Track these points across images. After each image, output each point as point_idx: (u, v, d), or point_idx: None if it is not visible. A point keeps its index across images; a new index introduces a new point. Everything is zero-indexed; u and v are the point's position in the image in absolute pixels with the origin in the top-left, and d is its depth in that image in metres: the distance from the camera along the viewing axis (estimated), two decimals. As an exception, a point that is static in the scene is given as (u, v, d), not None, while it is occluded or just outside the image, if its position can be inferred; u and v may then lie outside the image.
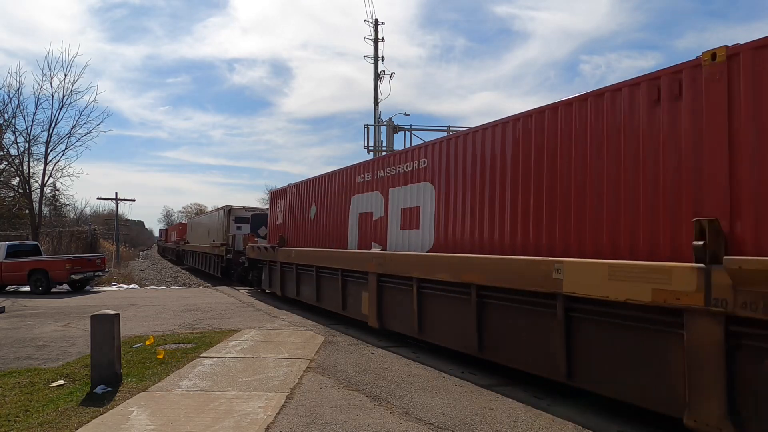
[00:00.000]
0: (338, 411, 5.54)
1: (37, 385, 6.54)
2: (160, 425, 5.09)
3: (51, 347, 8.90)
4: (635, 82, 5.48)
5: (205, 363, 7.61)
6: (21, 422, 5.24)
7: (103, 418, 5.30)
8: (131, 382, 6.56)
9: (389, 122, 19.87)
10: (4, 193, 33.20)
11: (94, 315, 6.56)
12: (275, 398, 5.93)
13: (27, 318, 12.40)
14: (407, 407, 5.72)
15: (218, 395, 6.06)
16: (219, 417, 5.30)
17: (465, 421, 5.31)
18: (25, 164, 28.19)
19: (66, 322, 11.72)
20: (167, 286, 24.71)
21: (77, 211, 46.59)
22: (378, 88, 22.77)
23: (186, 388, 6.33)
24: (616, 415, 5.56)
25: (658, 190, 5.16)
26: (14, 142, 28.81)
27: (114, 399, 5.92)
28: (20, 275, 18.68)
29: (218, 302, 15.71)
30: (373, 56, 23.34)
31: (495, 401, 6.01)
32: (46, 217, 35.23)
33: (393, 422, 5.23)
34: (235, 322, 11.54)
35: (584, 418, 5.46)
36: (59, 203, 40.99)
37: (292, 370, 7.25)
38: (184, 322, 11.68)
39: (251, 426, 5.06)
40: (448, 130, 18.37)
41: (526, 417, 5.48)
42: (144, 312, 13.35)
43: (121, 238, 49.04)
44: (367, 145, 20.08)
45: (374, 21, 23.73)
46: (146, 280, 30.53)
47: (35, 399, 5.98)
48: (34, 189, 28.71)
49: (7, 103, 28.00)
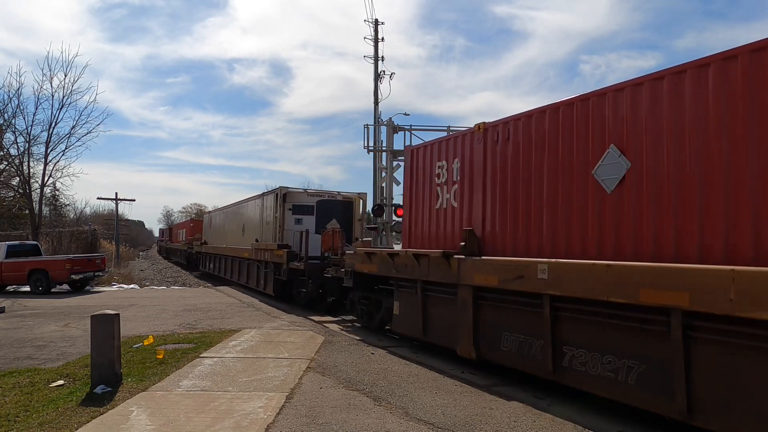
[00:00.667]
0: (338, 411, 5.54)
1: (37, 385, 6.54)
2: (160, 425, 5.09)
3: (51, 347, 8.89)
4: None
5: (205, 363, 7.61)
6: (21, 422, 5.23)
7: (103, 418, 5.30)
8: (131, 382, 6.56)
9: (389, 122, 19.83)
10: (4, 193, 33.21)
11: (94, 315, 6.56)
12: (275, 398, 5.93)
13: (27, 318, 12.40)
14: (407, 407, 5.72)
15: (218, 395, 6.06)
16: (219, 417, 5.30)
17: (465, 421, 5.31)
18: (25, 164, 28.21)
19: (66, 322, 11.71)
20: (167, 286, 24.71)
21: (77, 211, 46.55)
22: (378, 88, 22.75)
23: (186, 388, 6.33)
24: (616, 416, 5.56)
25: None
26: (14, 142, 28.86)
27: (114, 399, 5.92)
28: (20, 275, 18.67)
29: (218, 302, 15.71)
30: (373, 56, 23.33)
31: (495, 401, 6.01)
32: (46, 217, 35.21)
33: (393, 422, 5.24)
34: (235, 322, 11.54)
35: (584, 419, 5.47)
36: (59, 203, 40.97)
37: (292, 370, 7.25)
38: (184, 322, 11.68)
39: (251, 426, 5.06)
40: (448, 130, 18.34)
41: (526, 417, 5.48)
42: (144, 312, 13.35)
43: (121, 238, 48.99)
44: (367, 145, 20.03)
45: (374, 21, 23.72)
46: (146, 280, 30.53)
47: (35, 399, 5.98)
48: (34, 189, 28.73)
49: (7, 103, 28.02)
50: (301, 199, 16.61)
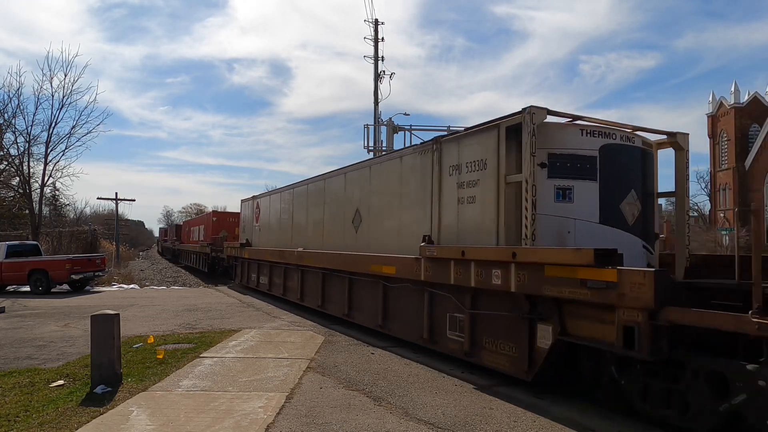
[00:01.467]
0: (338, 411, 5.54)
1: (37, 385, 6.54)
2: (160, 425, 5.09)
3: (51, 347, 8.89)
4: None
5: (205, 363, 7.61)
6: (21, 422, 5.23)
7: (103, 418, 5.30)
8: (131, 382, 6.56)
9: (389, 122, 19.85)
10: (4, 193, 33.22)
11: (94, 315, 6.56)
12: (275, 398, 5.93)
13: (27, 318, 12.39)
14: (407, 407, 5.71)
15: (218, 395, 6.06)
16: (219, 417, 5.30)
17: (465, 421, 5.31)
18: (25, 164, 28.23)
19: (66, 322, 11.71)
20: (167, 286, 24.70)
21: (77, 211, 46.63)
22: (378, 88, 22.80)
23: (186, 388, 6.33)
24: (615, 416, 5.55)
25: None
26: (14, 142, 28.88)
27: (114, 399, 5.92)
28: (20, 275, 18.66)
29: (218, 302, 15.70)
30: (373, 56, 23.34)
31: (495, 401, 6.01)
32: (46, 217, 35.24)
33: (393, 422, 5.23)
34: (235, 322, 11.54)
35: (584, 418, 5.46)
36: (59, 203, 41.03)
37: (292, 370, 7.25)
38: (184, 322, 11.68)
39: (251, 426, 5.05)
40: (447, 130, 18.36)
41: (526, 417, 5.48)
42: (144, 312, 13.35)
43: (121, 238, 48.96)
44: (367, 145, 20.07)
45: (374, 21, 23.74)
46: (146, 280, 30.54)
47: (35, 399, 5.98)
48: (34, 189, 28.74)
49: (7, 103, 28.05)
50: (568, 142, 7.03)
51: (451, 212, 7.84)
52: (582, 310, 5.58)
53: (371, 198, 10.46)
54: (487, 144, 7.16)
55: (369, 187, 10.59)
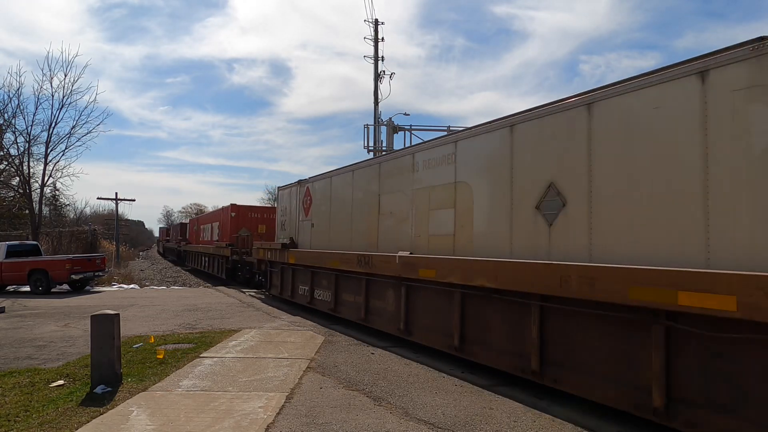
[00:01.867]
0: (338, 411, 5.54)
1: (37, 385, 6.54)
2: (160, 425, 5.09)
3: (51, 347, 8.89)
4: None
5: (205, 363, 7.61)
6: (21, 422, 5.23)
7: (103, 418, 5.30)
8: (131, 382, 6.56)
9: (389, 122, 19.86)
10: (4, 193, 33.20)
11: (94, 315, 6.56)
12: (275, 398, 5.93)
13: (27, 318, 12.39)
14: (407, 407, 5.72)
15: (218, 395, 6.06)
16: (219, 417, 5.30)
17: (465, 421, 5.31)
18: (25, 164, 28.22)
19: (66, 322, 11.71)
20: (167, 286, 24.71)
21: (77, 211, 46.62)
22: (378, 88, 22.78)
23: (186, 388, 6.33)
24: (615, 416, 5.55)
25: None
26: (14, 142, 28.86)
27: (114, 399, 5.92)
28: (20, 275, 18.67)
29: (218, 302, 15.71)
30: (373, 56, 23.33)
31: (495, 401, 6.01)
32: (46, 217, 35.23)
33: (393, 422, 5.24)
34: (235, 322, 11.54)
35: (584, 419, 5.46)
36: (59, 203, 41.02)
37: (292, 370, 7.25)
38: (184, 322, 11.68)
39: (251, 426, 5.05)
40: (448, 130, 18.39)
41: (526, 417, 5.48)
42: (144, 312, 13.35)
43: (121, 238, 48.99)
44: (367, 145, 20.06)
45: (374, 21, 23.72)
46: (146, 280, 30.53)
47: (35, 399, 5.98)
48: (34, 189, 28.73)
49: (7, 103, 28.03)
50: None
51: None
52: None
53: (600, 164, 5.57)
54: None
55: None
